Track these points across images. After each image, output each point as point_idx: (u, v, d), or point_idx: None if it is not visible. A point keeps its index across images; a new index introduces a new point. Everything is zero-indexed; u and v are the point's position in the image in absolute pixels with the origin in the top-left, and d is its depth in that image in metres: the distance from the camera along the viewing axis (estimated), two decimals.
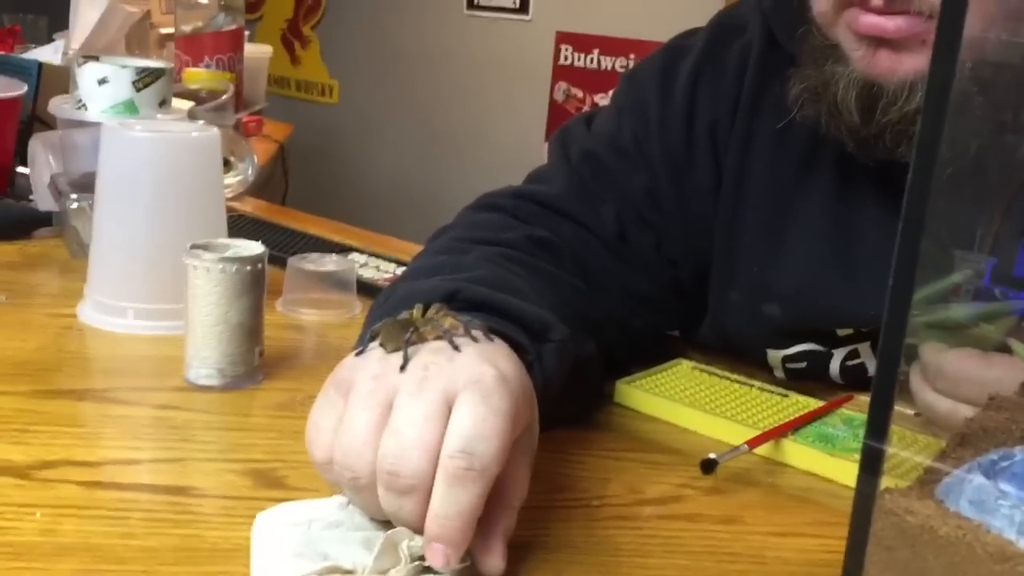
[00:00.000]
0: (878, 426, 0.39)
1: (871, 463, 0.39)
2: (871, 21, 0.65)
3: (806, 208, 0.78)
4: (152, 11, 1.88)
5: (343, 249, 1.07)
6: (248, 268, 0.69)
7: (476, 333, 0.52)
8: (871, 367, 0.80)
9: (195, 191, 0.80)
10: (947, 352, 0.62)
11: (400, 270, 0.96)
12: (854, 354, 0.80)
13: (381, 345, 0.51)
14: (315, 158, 3.43)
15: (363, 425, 0.47)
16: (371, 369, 0.49)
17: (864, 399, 0.74)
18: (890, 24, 0.64)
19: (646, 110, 0.83)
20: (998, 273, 0.55)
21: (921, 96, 0.65)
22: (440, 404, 0.46)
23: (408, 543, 0.46)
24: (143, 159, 0.78)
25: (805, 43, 0.72)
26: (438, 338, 0.51)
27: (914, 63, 0.65)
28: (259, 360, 0.72)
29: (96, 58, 1.00)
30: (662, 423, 0.70)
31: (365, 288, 0.93)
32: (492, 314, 0.57)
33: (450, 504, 0.45)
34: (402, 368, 0.49)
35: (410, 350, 0.50)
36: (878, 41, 0.66)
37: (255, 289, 0.70)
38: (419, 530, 0.46)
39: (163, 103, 1.01)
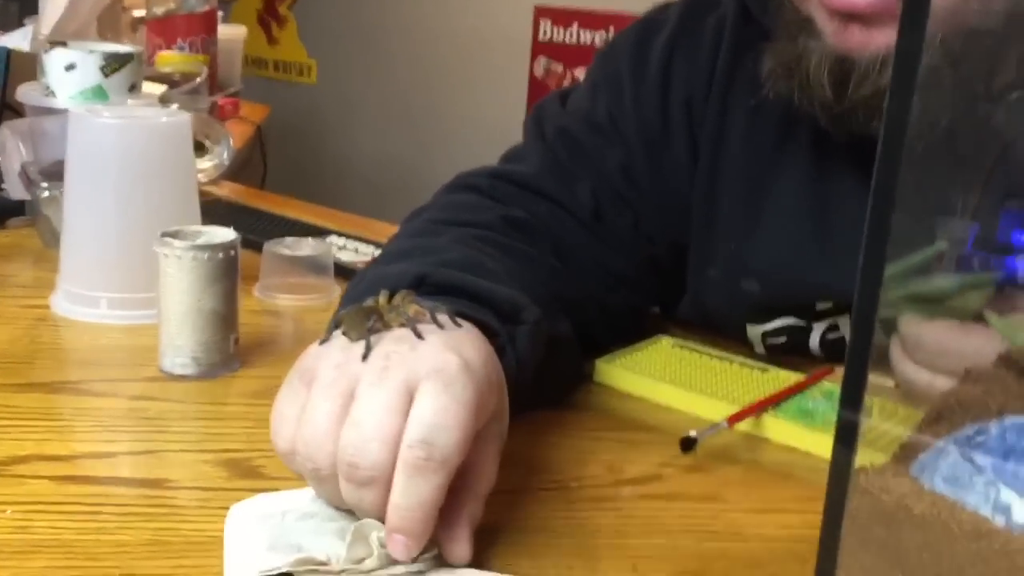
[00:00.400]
0: (852, 398, 0.39)
1: (846, 435, 0.38)
2: None
3: (783, 182, 0.77)
4: None
5: (321, 232, 1.06)
6: (220, 255, 0.68)
7: (442, 319, 0.51)
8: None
9: (166, 177, 0.79)
10: (926, 324, 0.62)
11: (378, 253, 0.95)
12: (834, 327, 0.80)
13: (344, 334, 0.51)
14: (294, 139, 3.40)
15: (324, 416, 0.46)
16: (333, 358, 0.49)
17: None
18: (861, 0, 0.64)
19: (620, 86, 0.82)
20: (981, 239, 0.55)
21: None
22: (401, 394, 0.46)
23: (376, 534, 0.46)
24: (111, 146, 0.77)
25: (778, 17, 0.71)
26: (402, 326, 0.50)
27: (886, 37, 0.64)
28: (234, 348, 0.71)
29: (64, 44, 0.99)
30: (641, 401, 0.70)
31: (343, 271, 0.92)
32: (462, 297, 0.57)
33: (410, 495, 0.44)
34: (364, 357, 0.48)
35: (373, 339, 0.49)
36: (849, 16, 0.65)
37: (228, 276, 0.69)
38: (382, 520, 0.46)
39: (133, 88, 0.99)
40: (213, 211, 1.05)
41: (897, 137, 0.36)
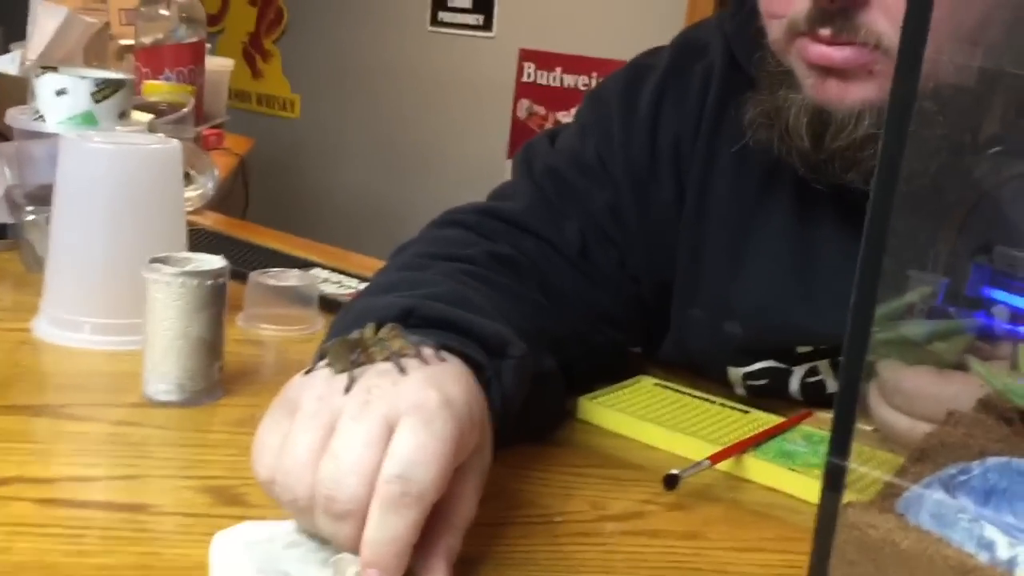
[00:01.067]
0: (841, 443, 0.40)
1: (834, 479, 0.39)
2: (820, 51, 0.67)
3: (766, 227, 0.79)
4: (111, 22, 1.86)
5: (305, 264, 1.06)
6: (209, 282, 0.68)
7: (426, 354, 0.51)
8: (830, 384, 0.80)
9: (155, 204, 0.79)
10: (904, 369, 0.63)
11: (362, 286, 0.96)
12: (814, 371, 0.81)
13: (329, 365, 0.51)
14: (276, 173, 3.41)
15: (304, 447, 0.47)
16: (316, 390, 0.49)
17: (823, 415, 0.75)
18: (837, 55, 0.66)
19: (609, 127, 0.83)
20: (951, 293, 0.56)
21: (868, 124, 0.67)
22: (381, 428, 0.46)
23: (354, 569, 0.46)
24: (102, 171, 0.77)
25: (761, 68, 0.73)
26: (386, 359, 0.51)
27: (861, 92, 0.67)
28: (219, 375, 0.71)
29: (55, 69, 0.99)
30: (624, 439, 0.71)
31: (327, 304, 0.92)
32: (449, 331, 0.57)
33: (384, 530, 0.45)
34: (347, 390, 0.48)
35: (356, 371, 0.49)
36: (827, 70, 0.67)
37: (216, 304, 0.69)
38: (358, 552, 0.46)
39: (123, 115, 1.00)
40: (197, 240, 1.05)
41: (889, 184, 0.37)
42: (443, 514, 0.48)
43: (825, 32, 0.66)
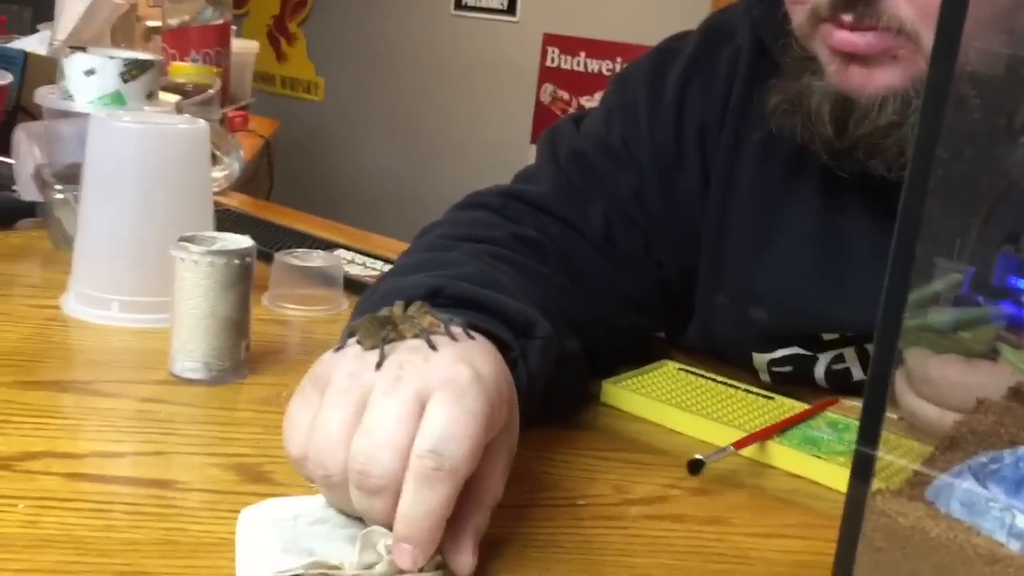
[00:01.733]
0: (870, 432, 0.40)
1: (863, 468, 0.39)
2: (843, 37, 0.66)
3: (792, 214, 0.78)
4: (139, 4, 1.87)
5: (330, 245, 1.06)
6: (236, 262, 0.68)
7: (455, 331, 0.51)
8: (856, 372, 0.80)
9: (183, 184, 0.80)
10: (931, 358, 0.62)
11: (386, 267, 0.96)
12: (839, 359, 0.80)
13: (359, 342, 0.51)
14: (300, 155, 3.42)
15: (336, 423, 0.47)
16: (347, 366, 0.49)
17: (849, 403, 0.74)
18: (860, 41, 0.65)
19: (635, 112, 0.83)
20: (977, 282, 0.55)
21: (892, 111, 0.66)
22: (413, 404, 0.46)
23: (384, 541, 0.46)
24: (131, 150, 0.78)
25: (785, 54, 0.73)
26: (416, 336, 0.51)
27: (885, 78, 0.66)
28: (245, 355, 0.71)
29: (84, 49, 0.99)
30: (648, 423, 0.70)
31: (351, 285, 0.92)
32: (476, 310, 0.57)
33: (418, 504, 0.45)
34: (378, 366, 0.48)
35: (387, 348, 0.49)
36: (850, 56, 0.66)
37: (243, 283, 0.69)
38: (391, 528, 0.46)
39: (150, 96, 1.00)
40: (222, 221, 1.05)
41: (924, 170, 0.37)
42: (471, 491, 0.48)
43: (847, 18, 0.65)
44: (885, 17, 0.64)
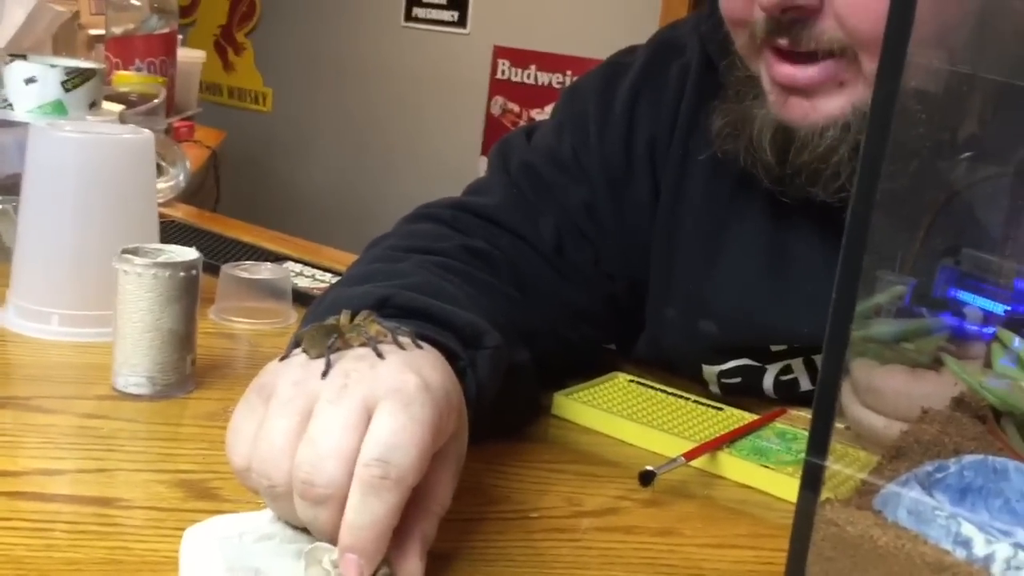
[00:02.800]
0: (819, 443, 0.40)
1: (812, 479, 0.39)
2: (785, 71, 0.67)
3: (740, 228, 0.79)
4: (81, 11, 1.83)
5: (278, 258, 1.05)
6: (181, 274, 0.67)
7: (403, 340, 0.51)
8: (804, 382, 0.81)
9: (126, 195, 0.78)
10: (876, 368, 0.63)
11: (335, 280, 0.95)
12: (787, 369, 0.81)
13: (304, 351, 0.50)
14: (247, 166, 3.39)
15: (281, 433, 0.46)
16: (292, 375, 0.48)
17: (797, 413, 0.75)
18: (802, 75, 0.66)
19: (586, 124, 0.83)
20: (918, 294, 0.56)
21: (831, 136, 0.67)
22: (359, 412, 0.46)
23: (328, 556, 0.46)
24: (72, 160, 0.76)
25: (730, 73, 0.74)
26: (363, 345, 0.50)
27: (826, 107, 0.67)
28: (191, 369, 0.70)
29: (24, 57, 0.97)
30: (599, 435, 0.71)
31: (300, 297, 0.91)
32: (425, 320, 0.57)
33: (364, 513, 0.44)
34: (324, 374, 0.48)
35: (333, 357, 0.49)
36: (791, 88, 0.67)
37: (188, 296, 0.68)
38: (336, 540, 0.45)
39: (93, 105, 0.98)
40: (168, 232, 1.04)
41: (870, 183, 0.37)
42: (419, 500, 0.47)
43: (783, 42, 0.66)
44: (824, 38, 0.65)
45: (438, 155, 3.34)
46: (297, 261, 1.04)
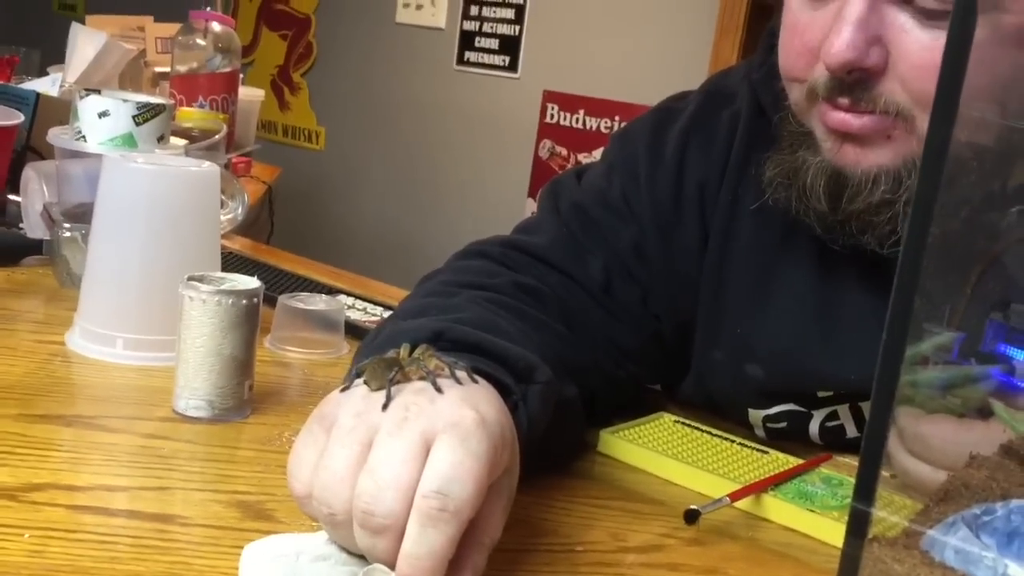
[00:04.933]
0: (866, 489, 0.40)
1: (858, 524, 0.40)
2: (838, 118, 0.68)
3: (788, 275, 0.80)
4: (148, 49, 1.90)
5: (330, 290, 1.08)
6: (244, 302, 0.69)
7: (460, 375, 0.52)
8: (850, 429, 0.81)
9: (192, 225, 0.81)
10: (923, 417, 0.63)
11: (387, 313, 0.97)
12: (833, 416, 0.81)
13: (366, 383, 0.52)
14: (299, 203, 3.45)
15: (342, 462, 0.48)
16: (354, 406, 0.50)
17: (842, 459, 0.75)
18: (855, 122, 0.68)
19: (636, 168, 0.85)
20: (966, 348, 0.57)
21: (884, 189, 0.68)
22: (418, 445, 0.47)
23: None
24: (143, 191, 0.79)
25: (783, 127, 0.75)
26: (422, 379, 0.52)
27: (877, 157, 0.68)
28: (248, 394, 0.72)
29: (98, 91, 1.02)
30: (645, 474, 0.71)
31: (352, 329, 0.93)
32: (478, 354, 0.59)
33: (422, 544, 0.45)
34: (384, 407, 0.49)
35: (393, 389, 0.51)
36: (844, 135, 0.69)
37: (249, 323, 0.70)
38: (393, 567, 0.47)
39: (161, 138, 1.02)
40: (225, 263, 1.06)
41: (921, 233, 0.38)
42: (470, 532, 0.48)
43: (844, 101, 0.67)
44: (883, 101, 0.66)
45: (486, 196, 3.38)
46: (349, 294, 1.07)
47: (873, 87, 0.66)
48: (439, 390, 0.51)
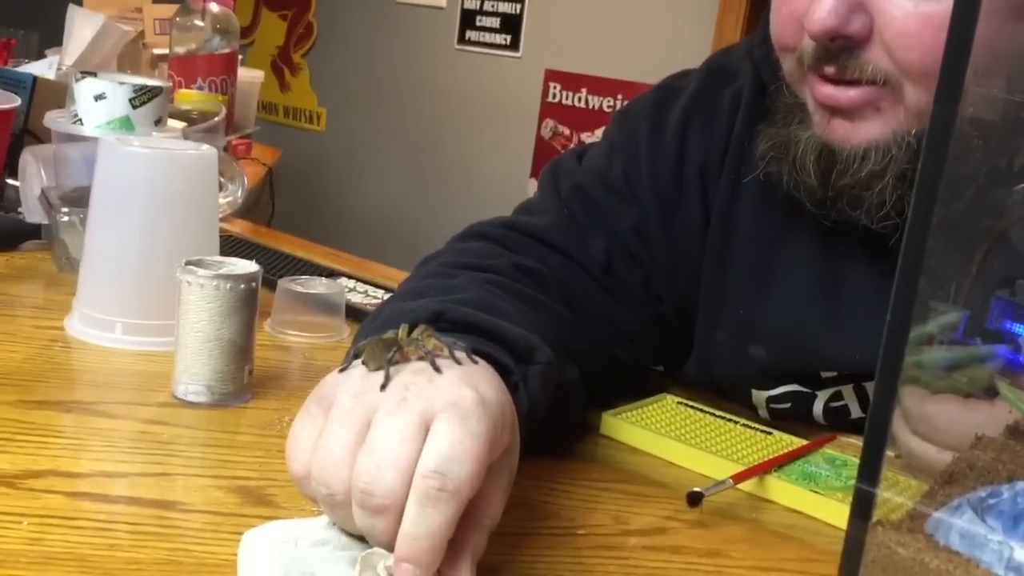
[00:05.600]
0: (871, 470, 0.40)
1: (863, 506, 0.39)
2: (826, 91, 0.68)
3: (791, 252, 0.79)
4: (146, 31, 1.89)
5: (332, 273, 1.07)
6: (242, 286, 0.69)
7: (459, 355, 0.52)
8: (854, 409, 0.80)
9: (190, 209, 0.80)
10: (929, 397, 0.63)
11: (388, 296, 0.96)
12: (837, 396, 0.81)
13: (364, 363, 0.52)
14: (300, 184, 3.44)
15: (340, 442, 0.47)
16: (352, 386, 0.50)
17: (846, 440, 0.75)
18: (843, 96, 0.67)
19: (637, 148, 0.84)
20: (971, 325, 0.56)
21: (874, 162, 0.67)
22: (417, 424, 0.47)
23: (384, 563, 0.46)
24: (140, 174, 0.79)
25: (778, 99, 0.74)
26: (420, 359, 0.51)
27: (867, 131, 0.68)
28: (248, 379, 0.71)
29: (94, 74, 1.01)
30: (647, 456, 0.71)
31: (353, 312, 0.93)
32: (478, 335, 0.58)
33: (421, 524, 0.45)
34: (383, 387, 0.49)
35: (392, 369, 0.50)
36: (832, 110, 0.68)
37: (248, 307, 0.70)
38: (392, 548, 0.46)
39: (158, 121, 1.01)
40: (225, 246, 1.06)
41: (926, 211, 0.38)
42: (471, 512, 0.48)
43: (830, 70, 0.67)
44: (870, 68, 0.65)
45: (488, 176, 3.37)
46: (350, 277, 1.06)
47: (859, 55, 0.65)
48: (438, 370, 0.50)
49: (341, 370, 0.53)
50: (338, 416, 0.48)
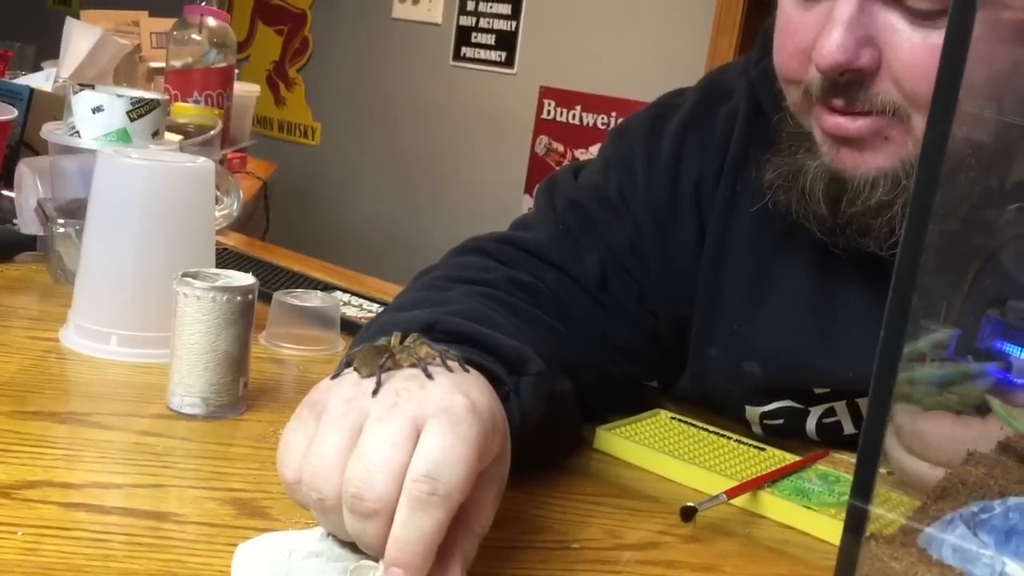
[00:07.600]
0: (864, 486, 0.40)
1: (856, 522, 0.39)
2: (834, 122, 0.68)
3: (786, 270, 0.80)
4: (143, 45, 1.90)
5: (326, 287, 1.07)
6: (238, 298, 0.69)
7: (451, 363, 0.52)
8: (847, 425, 0.81)
9: (187, 221, 0.81)
10: (922, 415, 0.63)
11: (382, 309, 0.97)
12: (830, 412, 0.81)
13: (356, 370, 0.52)
14: (295, 198, 3.44)
15: (331, 447, 0.47)
16: (344, 392, 0.50)
17: (839, 456, 0.75)
18: (851, 126, 0.67)
19: (632, 164, 0.85)
20: (963, 344, 0.56)
21: (883, 191, 0.68)
22: (408, 430, 0.47)
23: (374, 574, 0.47)
24: (138, 187, 0.79)
25: (782, 128, 0.75)
26: (412, 366, 0.52)
27: (876, 160, 0.68)
28: (243, 391, 0.72)
29: (92, 86, 1.01)
30: (641, 470, 0.71)
31: (348, 326, 0.93)
32: (470, 345, 0.58)
33: (411, 528, 0.45)
34: (374, 393, 0.49)
35: (383, 376, 0.50)
36: (841, 139, 0.68)
37: (243, 320, 0.70)
38: (382, 554, 0.46)
39: (156, 134, 1.02)
40: (220, 259, 1.06)
41: (919, 228, 0.38)
42: (461, 519, 0.48)
43: (839, 102, 0.67)
44: (878, 100, 0.65)
45: (482, 192, 3.38)
46: (344, 291, 1.07)
47: (868, 88, 0.66)
48: (430, 376, 0.50)
49: (333, 377, 0.53)
50: (330, 421, 0.49)
